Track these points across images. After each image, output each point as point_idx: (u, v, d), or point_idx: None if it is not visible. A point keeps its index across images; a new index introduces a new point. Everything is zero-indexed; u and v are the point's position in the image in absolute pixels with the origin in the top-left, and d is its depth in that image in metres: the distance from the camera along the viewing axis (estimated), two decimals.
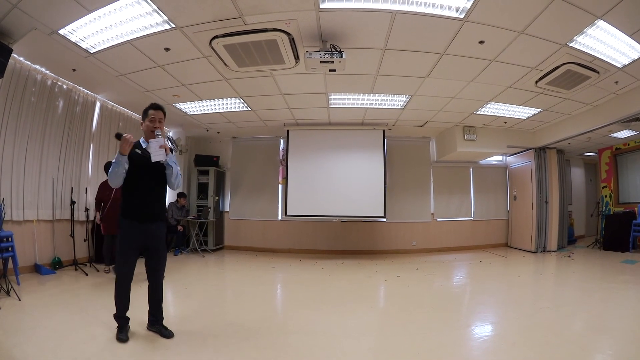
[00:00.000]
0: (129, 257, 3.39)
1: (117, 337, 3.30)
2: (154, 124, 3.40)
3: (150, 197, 3.41)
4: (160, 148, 3.24)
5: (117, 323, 3.40)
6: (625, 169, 10.25)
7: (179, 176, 3.49)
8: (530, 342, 3.41)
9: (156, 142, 3.25)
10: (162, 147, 3.24)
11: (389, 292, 5.84)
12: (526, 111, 7.93)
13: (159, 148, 3.24)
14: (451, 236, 10.54)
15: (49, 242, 6.29)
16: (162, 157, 3.26)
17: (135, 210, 3.34)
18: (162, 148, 3.24)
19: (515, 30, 4.59)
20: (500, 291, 5.72)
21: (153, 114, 3.45)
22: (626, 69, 5.64)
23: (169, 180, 3.45)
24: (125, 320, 3.44)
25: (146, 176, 3.35)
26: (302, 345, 3.41)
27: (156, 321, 3.51)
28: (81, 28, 4.54)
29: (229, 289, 6.04)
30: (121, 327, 3.39)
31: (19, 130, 5.73)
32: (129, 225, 3.33)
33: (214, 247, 9.79)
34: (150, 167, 3.32)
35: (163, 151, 3.25)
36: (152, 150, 3.24)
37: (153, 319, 3.52)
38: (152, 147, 3.25)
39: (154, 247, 3.44)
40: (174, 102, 7.38)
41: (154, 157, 3.24)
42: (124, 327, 3.41)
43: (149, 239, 3.39)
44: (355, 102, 7.51)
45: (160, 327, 3.48)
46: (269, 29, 4.52)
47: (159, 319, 3.53)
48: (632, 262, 7.47)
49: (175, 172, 3.43)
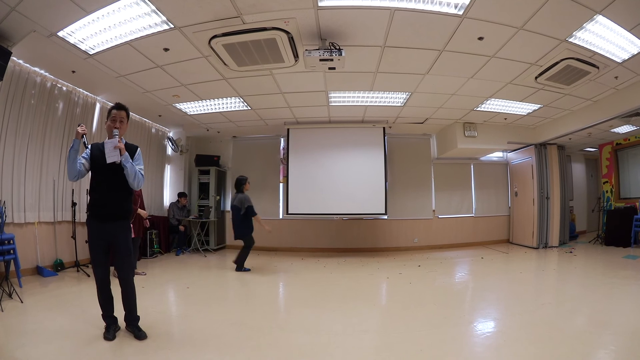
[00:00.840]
0: (98, 256, 3.41)
1: (104, 335, 3.36)
2: (114, 124, 3.38)
3: (110, 197, 3.37)
4: (114, 149, 3.22)
5: (105, 322, 3.46)
6: (626, 164, 10.24)
7: (137, 175, 3.38)
8: (532, 337, 3.41)
9: (110, 143, 3.24)
10: (116, 148, 3.22)
11: (391, 290, 5.85)
12: (526, 107, 7.92)
13: (113, 149, 3.22)
14: (453, 233, 10.55)
15: (50, 244, 6.29)
16: (117, 157, 3.23)
17: (97, 209, 3.37)
18: (116, 149, 3.22)
19: (515, 26, 4.58)
20: (502, 287, 5.72)
21: (115, 114, 3.43)
22: (626, 63, 5.62)
23: (128, 181, 3.37)
24: (112, 320, 3.48)
25: (107, 176, 3.34)
26: (304, 343, 3.41)
27: (130, 322, 3.50)
28: (80, 30, 4.53)
29: (230, 289, 6.04)
30: (107, 325, 3.44)
31: (19, 132, 5.73)
32: (92, 225, 3.39)
33: (215, 246, 9.80)
34: (111, 167, 3.29)
35: (117, 152, 3.23)
36: (107, 151, 3.23)
37: (127, 319, 3.50)
38: (107, 147, 3.23)
39: (115, 246, 3.41)
40: (174, 102, 7.38)
41: (109, 158, 3.22)
42: (110, 326, 3.44)
43: (111, 237, 3.39)
44: (355, 100, 7.50)
45: (133, 328, 3.46)
46: (268, 28, 4.51)
47: (132, 319, 3.50)
48: (634, 257, 7.46)
49: (133, 172, 3.33)
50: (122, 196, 3.46)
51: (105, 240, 3.39)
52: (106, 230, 3.36)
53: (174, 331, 3.58)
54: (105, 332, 3.38)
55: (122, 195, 3.47)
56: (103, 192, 3.35)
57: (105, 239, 3.39)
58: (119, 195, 3.43)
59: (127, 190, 3.46)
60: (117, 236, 3.41)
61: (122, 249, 3.43)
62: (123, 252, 3.44)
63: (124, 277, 3.46)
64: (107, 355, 3.05)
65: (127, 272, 3.49)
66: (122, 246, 3.44)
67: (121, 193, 3.44)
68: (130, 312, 3.49)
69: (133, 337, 3.39)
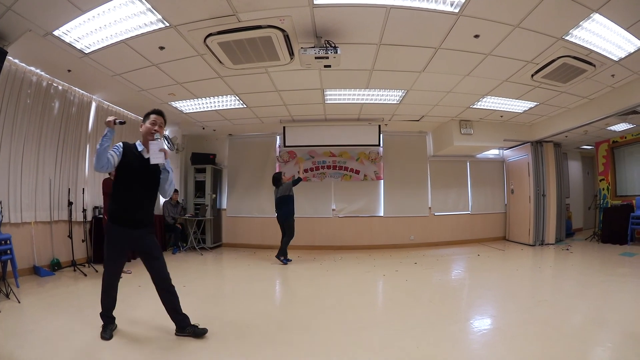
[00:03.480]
0: (117, 258, 3.38)
1: (101, 335, 3.33)
2: (154, 126, 3.34)
3: (143, 202, 3.34)
4: (160, 151, 3.19)
5: (103, 321, 3.44)
6: (623, 162, 10.27)
7: (172, 183, 3.43)
8: (529, 335, 3.42)
9: (156, 145, 3.20)
10: (161, 151, 3.20)
11: (387, 287, 5.86)
12: (522, 105, 7.93)
13: (158, 151, 3.19)
14: (449, 230, 10.58)
15: (47, 244, 6.27)
16: (161, 160, 3.20)
17: (127, 215, 3.25)
18: (161, 151, 3.20)
19: (511, 24, 4.59)
20: (499, 284, 5.74)
21: (154, 118, 3.38)
22: (622, 62, 5.64)
23: (162, 186, 3.39)
24: (111, 320, 3.47)
25: (138, 181, 3.27)
26: (301, 341, 3.42)
27: (182, 322, 3.43)
28: (75, 29, 4.53)
29: (227, 287, 6.05)
30: (105, 325, 3.43)
31: (15, 132, 5.70)
32: (117, 230, 3.26)
33: (212, 244, 9.81)
34: (143, 171, 3.27)
35: (162, 154, 3.20)
36: (152, 153, 3.18)
37: (178, 321, 3.44)
38: (152, 149, 3.18)
39: (147, 251, 3.35)
40: (170, 100, 7.37)
41: (153, 160, 3.17)
42: (108, 325, 3.43)
43: (140, 243, 3.33)
44: (351, 98, 7.50)
45: (189, 328, 3.41)
46: (263, 26, 4.51)
47: (182, 319, 3.44)
48: (630, 255, 7.50)
49: (170, 179, 3.39)
50: (152, 202, 3.45)
51: (131, 246, 3.37)
52: (134, 236, 3.27)
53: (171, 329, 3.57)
54: (102, 332, 3.35)
55: (153, 201, 3.46)
56: (136, 196, 3.27)
57: (131, 244, 3.35)
58: (151, 201, 3.42)
59: (155, 197, 3.47)
60: (148, 242, 3.36)
61: (156, 253, 3.38)
62: (158, 255, 3.39)
63: (165, 277, 3.40)
64: (106, 354, 3.04)
65: (166, 272, 3.42)
66: (155, 250, 3.38)
67: (153, 199, 3.44)
68: (178, 313, 3.43)
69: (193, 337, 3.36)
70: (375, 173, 10.38)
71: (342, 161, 10.39)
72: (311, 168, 10.42)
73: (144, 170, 3.27)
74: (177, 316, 3.43)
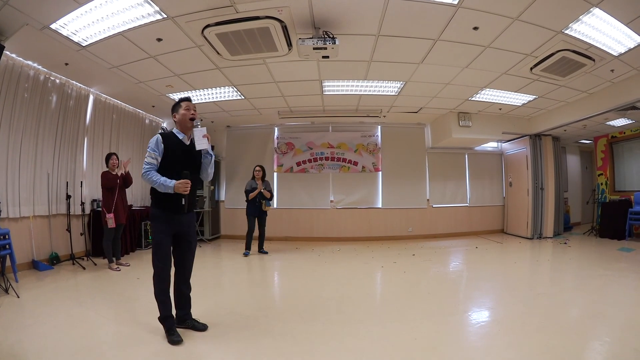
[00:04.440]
0: (166, 247, 3.27)
1: (169, 339, 3.12)
2: (190, 112, 3.35)
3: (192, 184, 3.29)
4: (203, 137, 3.27)
5: (164, 325, 3.23)
6: (621, 157, 10.27)
7: (213, 167, 3.54)
8: (527, 328, 3.44)
9: (199, 132, 3.28)
10: (205, 137, 3.27)
11: (385, 279, 5.88)
12: (521, 98, 7.92)
13: (202, 137, 3.27)
14: (447, 222, 10.62)
15: (45, 238, 6.25)
16: (206, 145, 3.29)
17: (172, 201, 3.19)
18: (205, 137, 3.27)
19: (510, 17, 4.56)
20: (497, 277, 5.76)
21: (188, 105, 3.38)
22: (622, 57, 5.63)
23: (204, 170, 3.46)
24: (173, 320, 3.28)
25: (183, 167, 3.23)
26: (299, 332, 3.44)
27: (186, 317, 3.42)
28: (72, 22, 4.49)
29: (226, 278, 6.06)
30: (170, 327, 3.20)
31: (12, 127, 5.67)
32: (165, 217, 3.23)
33: (210, 236, 9.83)
34: (187, 158, 3.32)
35: (206, 140, 3.28)
36: (197, 139, 3.28)
37: (183, 315, 3.42)
38: (197, 136, 3.28)
39: (187, 237, 3.38)
40: (167, 92, 7.33)
41: (199, 146, 3.28)
42: (172, 326, 3.22)
43: (184, 228, 3.34)
44: (350, 89, 7.46)
45: (192, 322, 3.42)
46: (261, 17, 4.47)
47: (188, 314, 3.45)
48: (628, 250, 7.50)
49: (212, 162, 3.49)
50: (197, 186, 3.45)
51: (174, 231, 3.29)
52: (181, 221, 3.29)
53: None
54: (169, 335, 3.15)
55: (197, 185, 3.48)
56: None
57: (177, 228, 3.29)
58: (195, 186, 3.39)
59: (199, 180, 3.52)
60: (192, 229, 3.45)
61: (194, 243, 3.46)
62: (194, 246, 3.48)
63: (190, 269, 3.46)
64: (105, 347, 3.05)
65: (192, 263, 3.48)
66: (194, 240, 3.47)
67: (197, 183, 3.45)
68: (188, 306, 3.46)
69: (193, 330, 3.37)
70: (374, 164, 10.39)
71: (341, 152, 10.38)
72: (309, 159, 10.42)
73: (187, 156, 3.34)
74: (186, 308, 3.44)
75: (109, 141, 7.83)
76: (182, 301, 3.43)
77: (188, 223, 3.36)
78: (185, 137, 3.35)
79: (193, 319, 3.45)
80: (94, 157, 7.39)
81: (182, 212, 3.25)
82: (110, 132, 7.92)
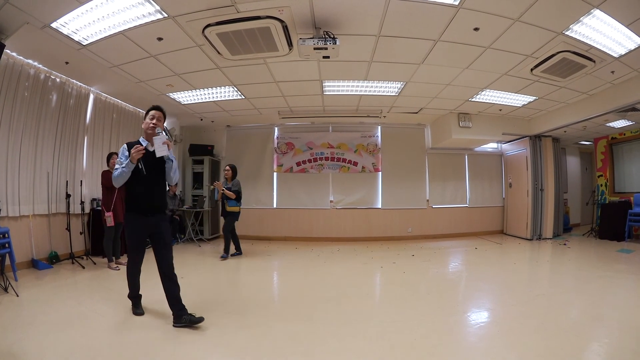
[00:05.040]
0: (140, 245, 3.75)
1: (134, 312, 3.86)
2: (153, 121, 3.64)
3: (155, 191, 3.69)
4: (163, 144, 3.49)
5: (132, 301, 3.95)
6: (621, 158, 10.27)
7: (177, 170, 3.75)
8: (526, 328, 3.45)
9: (159, 139, 3.50)
10: (164, 143, 3.49)
11: (385, 279, 5.89)
12: (521, 99, 7.92)
13: (162, 144, 3.48)
14: (447, 223, 10.62)
15: (45, 237, 6.25)
16: (166, 152, 3.51)
17: (143, 204, 3.61)
18: (164, 144, 3.49)
19: (511, 18, 4.56)
20: (496, 278, 5.76)
21: (153, 113, 3.68)
22: (622, 59, 5.63)
23: (167, 174, 3.69)
24: (139, 298, 3.96)
25: (150, 172, 3.59)
26: (299, 332, 3.44)
27: (180, 315, 3.53)
28: (73, 20, 4.49)
29: (225, 278, 6.05)
30: (136, 303, 3.93)
31: (13, 125, 5.67)
32: (135, 218, 3.62)
33: (210, 236, 9.83)
34: (150, 163, 3.58)
35: (166, 147, 3.50)
36: (157, 146, 3.49)
37: (177, 312, 3.55)
38: (157, 143, 3.49)
39: (159, 236, 3.66)
40: (168, 92, 7.33)
41: (159, 153, 3.49)
42: (139, 303, 3.94)
43: (155, 229, 3.65)
44: (350, 89, 7.46)
45: (187, 317, 3.51)
46: (262, 17, 4.47)
47: (181, 308, 3.57)
48: (628, 252, 7.50)
49: (175, 167, 3.69)
50: (163, 189, 3.82)
51: (148, 232, 3.67)
52: (150, 223, 3.63)
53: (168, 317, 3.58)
54: (135, 309, 3.88)
55: (163, 189, 3.83)
56: (148, 186, 3.62)
57: (148, 231, 3.66)
58: (161, 189, 3.79)
59: (165, 184, 3.81)
60: (162, 227, 3.71)
61: (167, 239, 3.71)
62: (168, 242, 3.73)
63: (171, 265, 3.68)
64: (104, 346, 3.05)
65: (172, 260, 3.71)
66: (167, 236, 3.73)
67: (162, 187, 3.79)
68: (179, 301, 3.60)
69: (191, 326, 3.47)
70: (374, 165, 10.39)
71: (340, 153, 10.38)
72: (309, 159, 10.42)
73: (150, 162, 3.59)
74: (177, 305, 3.57)
75: (109, 140, 7.83)
76: (172, 300, 3.60)
77: (156, 224, 3.66)
78: (149, 144, 3.61)
79: (190, 314, 3.55)
80: (94, 156, 7.39)
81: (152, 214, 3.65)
82: (111, 131, 7.91)
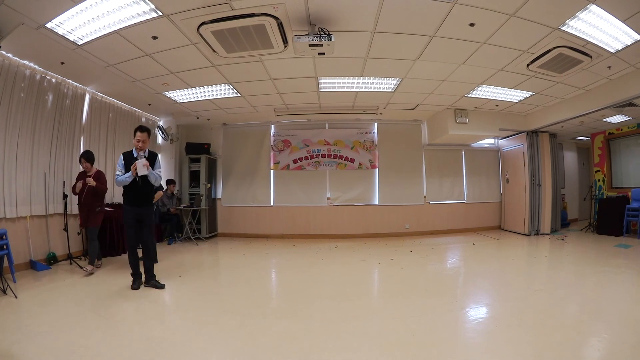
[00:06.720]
0: (132, 230, 4.93)
1: (132, 287, 4.86)
2: (139, 144, 4.82)
3: (143, 191, 4.94)
4: (143, 166, 4.69)
5: (132, 277, 4.98)
6: (619, 154, 10.28)
7: (157, 178, 4.97)
8: (525, 324, 3.46)
9: (140, 162, 4.69)
10: (144, 166, 4.70)
11: (382, 275, 5.89)
12: (518, 94, 7.92)
13: (142, 166, 4.69)
14: (444, 219, 10.64)
15: (43, 238, 6.24)
16: (146, 171, 4.72)
17: (134, 200, 4.91)
18: (144, 166, 4.70)
19: (507, 13, 4.56)
20: (494, 274, 5.78)
21: (139, 136, 4.84)
22: (619, 54, 5.64)
23: (150, 180, 4.89)
24: (138, 275, 4.99)
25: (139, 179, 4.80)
26: (297, 329, 3.44)
27: (150, 279, 4.99)
28: (68, 20, 4.48)
29: (223, 276, 6.06)
30: (135, 280, 4.95)
31: (9, 126, 5.65)
32: (130, 209, 4.91)
33: (207, 234, 9.80)
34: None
35: (145, 168, 4.71)
36: (139, 168, 4.68)
37: (148, 277, 5.00)
38: (138, 166, 4.67)
39: (144, 221, 4.99)
40: (163, 90, 7.31)
41: (140, 172, 4.70)
42: (136, 280, 4.96)
43: (142, 216, 4.96)
44: (346, 86, 7.43)
45: (154, 282, 4.96)
46: (256, 14, 4.46)
47: (152, 276, 5.03)
48: (626, 247, 7.52)
49: (154, 178, 4.90)
50: (149, 190, 5.04)
51: (137, 218, 4.92)
52: (139, 212, 4.93)
53: (168, 320, 3.58)
54: (133, 284, 4.89)
55: (149, 190, 5.05)
56: (137, 189, 4.85)
57: (138, 217, 4.92)
58: (147, 190, 5.01)
59: (151, 186, 5.01)
60: (147, 214, 5.03)
61: (147, 222, 5.04)
62: (149, 224, 5.07)
63: (148, 242, 5.06)
64: (102, 346, 3.05)
65: (152, 241, 5.18)
66: (148, 220, 5.06)
67: (148, 188, 5.01)
68: (150, 270, 5.03)
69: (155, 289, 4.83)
70: (370, 161, 10.39)
71: (337, 149, 10.38)
72: (306, 157, 10.41)
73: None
74: (148, 273, 5.03)
75: (105, 140, 7.80)
76: (145, 269, 5.02)
77: (142, 212, 4.96)
78: (139, 155, 4.82)
79: (155, 280, 5.00)
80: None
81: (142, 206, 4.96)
82: (107, 131, 7.88)
